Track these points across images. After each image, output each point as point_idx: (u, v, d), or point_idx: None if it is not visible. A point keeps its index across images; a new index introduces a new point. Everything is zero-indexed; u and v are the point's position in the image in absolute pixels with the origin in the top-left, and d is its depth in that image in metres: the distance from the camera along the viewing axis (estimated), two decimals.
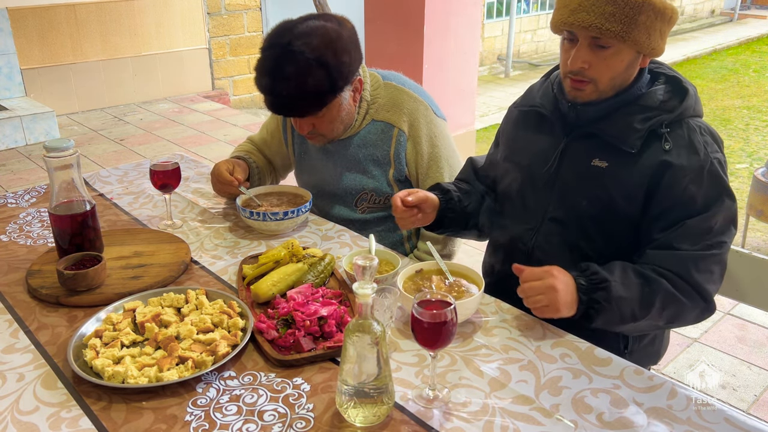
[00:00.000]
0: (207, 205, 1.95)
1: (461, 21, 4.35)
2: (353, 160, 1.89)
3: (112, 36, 6.15)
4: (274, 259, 1.50)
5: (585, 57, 1.35)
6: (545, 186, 1.49)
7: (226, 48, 6.91)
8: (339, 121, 1.77)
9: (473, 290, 1.37)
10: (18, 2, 5.53)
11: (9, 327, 1.34)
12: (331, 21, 1.67)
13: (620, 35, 1.30)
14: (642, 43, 1.32)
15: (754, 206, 3.47)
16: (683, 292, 1.33)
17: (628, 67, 1.37)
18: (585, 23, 1.30)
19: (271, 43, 1.65)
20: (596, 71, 1.36)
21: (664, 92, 1.40)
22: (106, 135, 5.48)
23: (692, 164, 1.34)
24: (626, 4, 1.29)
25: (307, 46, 1.60)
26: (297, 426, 1.06)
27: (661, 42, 1.35)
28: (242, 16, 6.94)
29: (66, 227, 1.51)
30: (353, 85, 1.75)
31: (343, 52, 1.64)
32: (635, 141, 1.36)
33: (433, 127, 1.85)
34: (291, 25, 1.66)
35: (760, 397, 2.42)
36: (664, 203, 1.36)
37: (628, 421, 1.07)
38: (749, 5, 13.18)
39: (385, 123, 1.85)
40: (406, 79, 1.94)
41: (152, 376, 1.15)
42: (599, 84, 1.37)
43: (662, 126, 1.37)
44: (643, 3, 1.29)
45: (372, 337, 1.02)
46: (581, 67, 1.36)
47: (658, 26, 1.32)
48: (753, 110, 6.79)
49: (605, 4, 1.29)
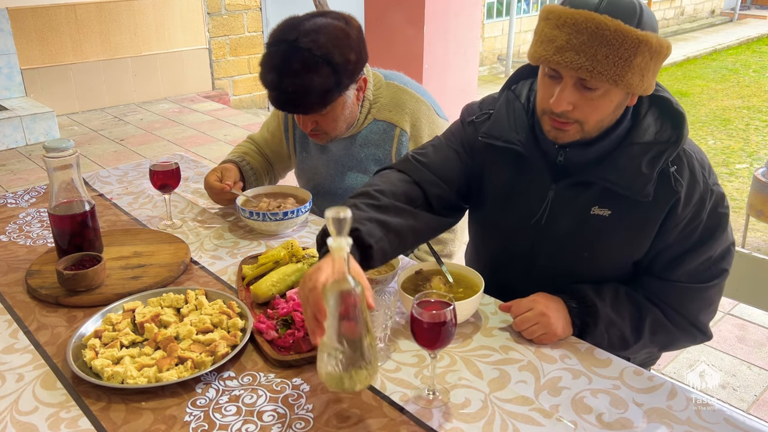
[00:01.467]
0: (207, 205, 1.95)
1: (461, 21, 4.35)
2: (355, 160, 1.89)
3: (112, 36, 6.15)
4: (274, 260, 1.50)
5: (570, 99, 1.20)
6: (534, 237, 1.39)
7: (226, 48, 6.91)
8: (342, 119, 1.77)
9: (473, 291, 1.37)
10: (18, 2, 5.53)
11: (8, 327, 1.34)
12: (339, 19, 1.67)
13: (613, 79, 1.15)
14: (635, 85, 1.18)
15: (754, 206, 3.47)
16: (675, 323, 1.33)
17: (617, 108, 1.24)
18: (574, 65, 1.15)
19: (278, 39, 1.65)
20: (582, 113, 1.22)
21: (653, 120, 1.28)
22: (106, 135, 5.48)
23: (693, 198, 1.27)
24: (621, 45, 1.14)
25: (314, 44, 1.59)
26: (296, 426, 1.06)
27: (654, 80, 1.22)
28: (242, 16, 6.94)
29: (66, 227, 1.51)
30: (358, 84, 1.75)
31: (350, 51, 1.64)
32: (649, 189, 1.24)
33: (435, 128, 1.85)
34: (298, 21, 1.65)
35: (760, 397, 2.42)
36: (667, 240, 1.30)
37: (627, 422, 1.07)
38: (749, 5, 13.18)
39: (386, 123, 1.85)
40: (408, 79, 1.94)
41: (151, 376, 1.15)
42: (585, 125, 1.24)
43: (669, 164, 1.25)
44: (639, 43, 1.14)
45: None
46: (566, 109, 1.21)
47: (652, 66, 1.19)
48: (753, 110, 6.79)
49: (598, 45, 1.14)
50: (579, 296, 1.31)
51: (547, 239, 1.38)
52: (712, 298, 1.34)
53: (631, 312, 1.31)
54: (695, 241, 1.30)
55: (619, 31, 1.14)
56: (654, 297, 1.33)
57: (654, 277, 1.34)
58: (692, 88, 7.68)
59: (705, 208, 1.28)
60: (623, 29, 1.14)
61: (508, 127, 1.38)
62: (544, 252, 1.40)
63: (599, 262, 1.36)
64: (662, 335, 1.33)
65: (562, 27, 1.17)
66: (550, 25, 1.19)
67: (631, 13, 1.16)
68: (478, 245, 1.61)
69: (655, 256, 1.33)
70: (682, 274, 1.31)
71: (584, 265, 1.36)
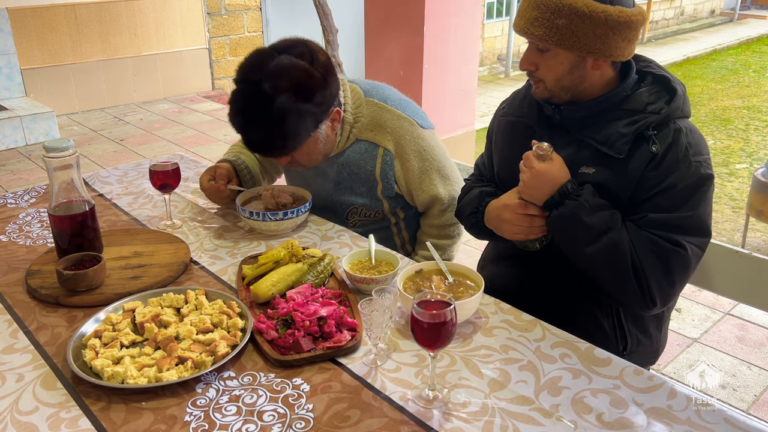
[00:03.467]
0: (207, 205, 1.95)
1: (461, 21, 4.35)
2: (340, 178, 1.87)
3: (112, 36, 6.15)
4: (274, 260, 1.50)
5: (531, 59, 1.42)
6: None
7: (226, 48, 6.91)
8: (317, 152, 1.76)
9: (473, 290, 1.37)
10: (18, 2, 5.53)
11: (8, 327, 1.34)
12: (303, 55, 1.63)
13: (543, 38, 1.34)
14: (573, 47, 1.33)
15: (754, 206, 3.47)
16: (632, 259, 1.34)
17: (574, 69, 1.38)
18: (517, 28, 1.39)
19: (243, 77, 1.64)
20: (542, 72, 1.41)
21: (649, 93, 1.39)
22: (106, 135, 5.48)
23: (667, 160, 1.34)
24: (547, 8, 1.32)
25: (276, 89, 1.57)
26: (296, 426, 1.06)
27: (610, 46, 1.33)
28: (242, 16, 6.95)
29: (65, 227, 1.51)
30: (330, 117, 1.72)
31: (314, 93, 1.62)
32: (622, 146, 1.36)
33: (420, 141, 1.82)
34: (262, 59, 1.63)
35: (760, 398, 2.42)
36: (637, 197, 1.37)
37: (627, 422, 1.07)
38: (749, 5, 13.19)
39: (368, 143, 1.82)
40: (389, 91, 1.89)
41: (152, 376, 1.15)
42: (547, 83, 1.42)
43: (649, 128, 1.36)
44: (562, 7, 1.31)
45: None
46: (527, 68, 1.43)
47: (590, 30, 1.31)
48: (753, 110, 6.79)
49: (532, 10, 1.35)
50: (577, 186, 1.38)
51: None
52: (670, 263, 1.34)
53: (605, 219, 1.35)
54: (663, 203, 1.35)
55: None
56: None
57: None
58: (692, 88, 7.68)
59: (678, 174, 1.34)
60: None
61: (519, 104, 1.59)
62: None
63: None
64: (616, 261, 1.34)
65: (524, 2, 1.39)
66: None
67: None
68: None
69: (629, 207, 1.39)
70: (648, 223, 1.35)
71: None
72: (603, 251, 1.35)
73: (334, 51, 5.24)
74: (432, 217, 1.90)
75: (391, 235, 1.96)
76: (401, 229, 1.97)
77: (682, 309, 3.00)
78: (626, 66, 1.45)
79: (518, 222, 1.46)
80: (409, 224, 1.97)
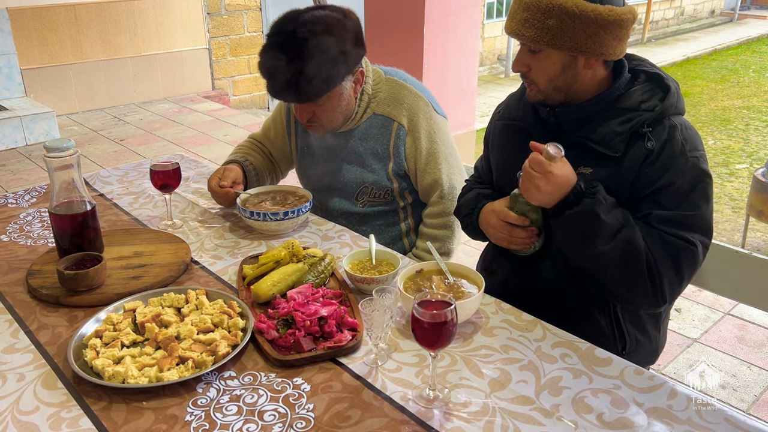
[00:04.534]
0: (207, 205, 1.95)
1: (461, 21, 4.35)
2: (354, 153, 1.89)
3: (112, 36, 6.15)
4: (275, 260, 1.50)
5: (523, 60, 1.42)
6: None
7: (226, 48, 6.91)
8: (339, 110, 1.79)
9: (473, 290, 1.37)
10: (18, 2, 5.53)
11: (9, 327, 1.34)
12: (336, 11, 1.70)
13: (535, 39, 1.34)
14: (564, 46, 1.33)
15: (754, 206, 3.47)
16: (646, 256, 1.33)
17: (566, 69, 1.38)
18: (508, 30, 1.40)
19: (277, 29, 1.68)
20: (534, 74, 1.41)
21: (643, 91, 1.40)
22: (106, 135, 5.48)
23: (663, 156, 1.34)
24: (537, 9, 1.33)
25: (311, 33, 1.62)
26: (297, 426, 1.06)
27: (601, 45, 1.33)
28: (242, 16, 6.95)
29: (66, 227, 1.51)
30: (355, 76, 1.77)
31: (345, 41, 1.67)
32: (618, 144, 1.36)
33: (432, 123, 1.86)
34: (297, 13, 1.69)
35: (760, 398, 2.42)
36: (637, 195, 1.37)
37: (628, 422, 1.07)
38: (749, 5, 13.19)
39: (385, 117, 1.86)
40: (408, 75, 1.95)
41: (152, 376, 1.15)
42: (539, 85, 1.42)
43: (644, 126, 1.36)
44: (552, 8, 1.31)
45: None
46: (520, 69, 1.43)
47: (581, 29, 1.32)
48: (753, 110, 6.79)
49: (522, 11, 1.36)
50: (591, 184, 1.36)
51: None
52: (678, 258, 1.34)
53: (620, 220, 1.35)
54: (664, 201, 1.35)
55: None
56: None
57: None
58: (692, 88, 7.69)
59: (675, 171, 1.34)
60: None
61: (514, 107, 1.59)
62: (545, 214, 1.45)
63: None
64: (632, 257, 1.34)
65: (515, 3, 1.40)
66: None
67: None
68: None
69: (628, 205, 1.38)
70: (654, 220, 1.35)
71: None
72: (619, 249, 1.34)
73: None
74: (431, 205, 1.92)
75: (398, 220, 1.98)
76: (408, 214, 1.99)
77: (682, 309, 3.00)
78: (619, 65, 1.45)
79: (501, 229, 1.48)
80: (415, 210, 2.00)
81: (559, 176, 1.34)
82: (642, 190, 1.37)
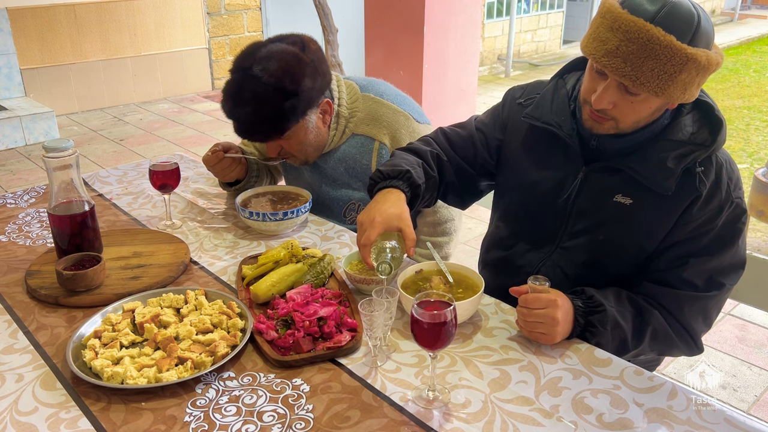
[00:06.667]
0: (206, 206, 1.95)
1: (461, 21, 4.35)
2: (333, 176, 1.89)
3: (112, 36, 6.15)
4: (274, 260, 1.49)
5: (611, 98, 1.24)
6: (559, 215, 1.44)
7: (226, 48, 6.91)
8: (307, 143, 1.78)
9: (473, 291, 1.36)
10: (18, 2, 5.53)
11: (8, 327, 1.34)
12: (295, 44, 1.67)
13: (654, 91, 1.19)
14: (676, 97, 1.21)
15: (754, 206, 3.47)
16: (674, 329, 1.33)
17: (655, 112, 1.28)
18: (620, 72, 1.19)
19: (236, 66, 1.68)
20: (620, 112, 1.27)
21: (692, 122, 1.31)
22: (106, 135, 5.48)
23: (713, 202, 1.29)
24: (669, 60, 1.16)
25: (265, 72, 1.61)
26: (296, 427, 1.06)
27: (697, 91, 1.24)
28: (242, 16, 6.95)
29: (65, 228, 1.51)
30: (320, 108, 1.75)
31: (303, 77, 1.64)
32: (670, 183, 1.27)
33: (415, 136, 1.82)
34: (255, 48, 1.68)
35: (760, 398, 2.42)
36: (677, 236, 1.31)
37: (628, 422, 1.07)
38: (749, 5, 13.19)
39: (364, 137, 1.84)
40: (386, 87, 1.91)
41: (151, 376, 1.15)
42: (620, 123, 1.29)
43: (696, 164, 1.28)
44: (687, 61, 1.16)
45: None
46: (605, 107, 1.26)
47: (697, 80, 1.21)
48: (753, 110, 6.79)
49: (646, 58, 1.16)
50: (585, 296, 1.30)
51: (571, 220, 1.42)
52: (708, 309, 1.34)
53: (633, 314, 1.32)
54: (704, 245, 1.30)
55: (669, 47, 1.15)
56: (653, 301, 1.33)
57: (654, 282, 1.34)
58: None
59: (721, 215, 1.29)
60: (674, 46, 1.15)
61: (549, 110, 1.43)
62: (567, 233, 1.43)
63: (613, 250, 1.38)
64: (661, 341, 1.33)
65: (615, 31, 1.19)
66: (605, 26, 1.21)
67: (686, 29, 1.17)
68: (501, 231, 1.60)
69: (662, 251, 1.34)
70: (683, 280, 1.32)
71: (600, 252, 1.39)
72: (646, 342, 1.33)
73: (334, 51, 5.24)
74: (425, 215, 1.91)
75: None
76: None
77: None
78: None
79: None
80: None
81: (565, 314, 1.24)
82: (683, 231, 1.31)
